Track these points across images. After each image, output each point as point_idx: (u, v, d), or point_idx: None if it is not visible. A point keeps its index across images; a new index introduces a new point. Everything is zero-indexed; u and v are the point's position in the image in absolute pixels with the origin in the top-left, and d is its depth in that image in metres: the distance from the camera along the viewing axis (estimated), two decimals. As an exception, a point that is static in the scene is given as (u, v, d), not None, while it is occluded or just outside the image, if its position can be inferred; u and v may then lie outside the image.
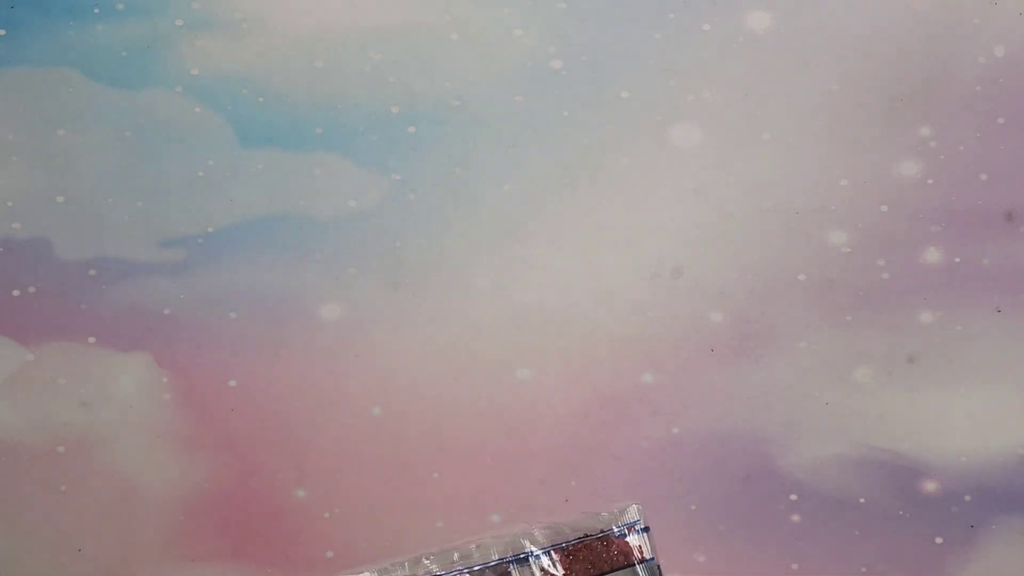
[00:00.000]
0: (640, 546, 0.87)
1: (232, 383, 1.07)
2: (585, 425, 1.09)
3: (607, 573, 0.86)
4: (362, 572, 0.76)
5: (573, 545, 0.85)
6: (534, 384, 1.08)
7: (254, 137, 1.09)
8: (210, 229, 1.10)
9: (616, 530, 0.85)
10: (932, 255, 1.08)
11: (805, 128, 1.08)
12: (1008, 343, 1.08)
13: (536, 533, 0.84)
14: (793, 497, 1.08)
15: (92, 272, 1.10)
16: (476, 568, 0.82)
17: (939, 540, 1.06)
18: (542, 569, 0.84)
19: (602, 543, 0.85)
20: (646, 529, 0.86)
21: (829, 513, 1.07)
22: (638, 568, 0.86)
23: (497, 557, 0.83)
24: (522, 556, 0.84)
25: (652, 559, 0.87)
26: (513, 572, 0.84)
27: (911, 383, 1.02)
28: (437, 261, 1.10)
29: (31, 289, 1.10)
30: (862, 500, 1.06)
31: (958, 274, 1.08)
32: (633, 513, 0.86)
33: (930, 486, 1.06)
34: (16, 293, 1.10)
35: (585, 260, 1.09)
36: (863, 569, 1.08)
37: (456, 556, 0.82)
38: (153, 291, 1.09)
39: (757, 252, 1.09)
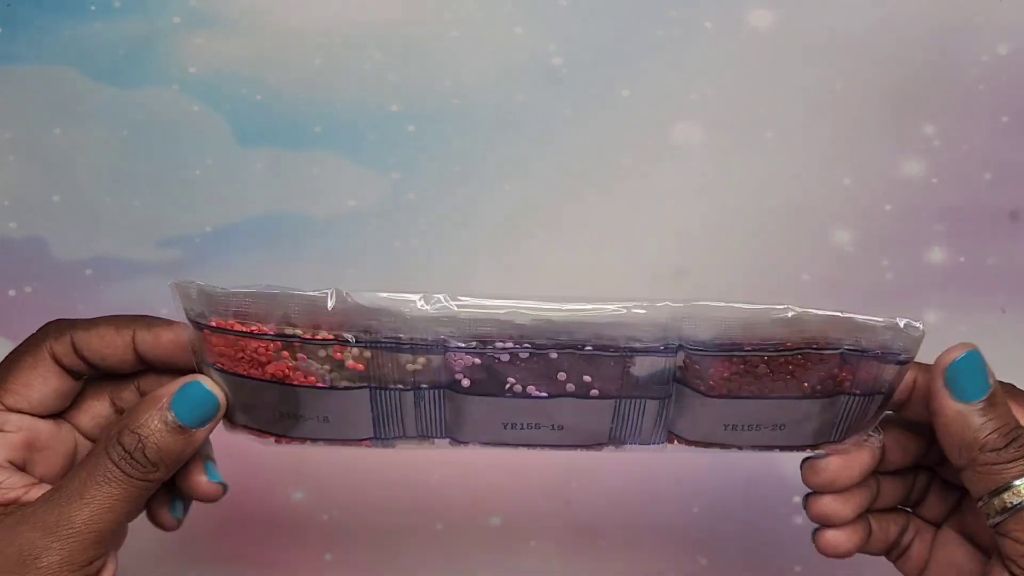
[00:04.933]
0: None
1: (230, 384, 1.06)
2: (586, 426, 1.08)
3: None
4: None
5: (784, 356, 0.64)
6: (535, 385, 1.07)
7: (252, 136, 1.08)
8: (208, 229, 1.09)
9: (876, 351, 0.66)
10: (936, 255, 1.08)
11: (808, 127, 1.07)
12: (1012, 343, 1.07)
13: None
14: (796, 499, 1.07)
15: (89, 272, 1.09)
16: (580, 347, 0.63)
17: (943, 542, 1.05)
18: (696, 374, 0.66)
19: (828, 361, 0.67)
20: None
21: (832, 515, 1.06)
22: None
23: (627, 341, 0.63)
24: (671, 346, 0.64)
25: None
26: (635, 363, 0.65)
27: (915, 383, 1.01)
28: (437, 261, 1.09)
29: (27, 289, 1.09)
30: (866, 502, 1.05)
31: (962, 274, 1.07)
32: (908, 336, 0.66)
33: (934, 488, 1.05)
34: (12, 293, 1.09)
35: (586, 260, 1.09)
36: (867, 572, 1.07)
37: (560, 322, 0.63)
38: (151, 291, 1.09)
39: (760, 251, 1.08)
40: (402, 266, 1.09)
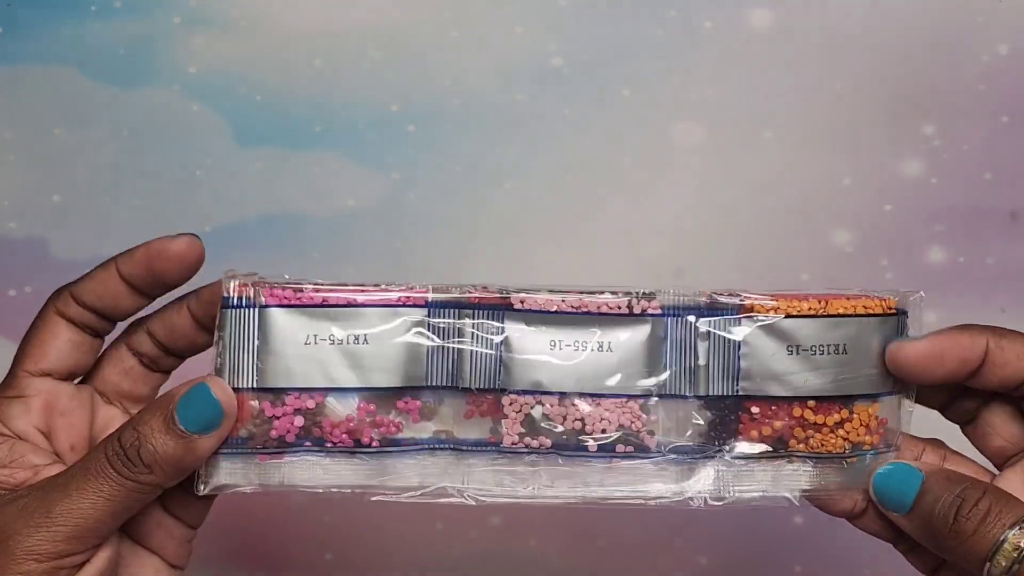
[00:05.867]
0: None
1: (230, 384, 1.06)
2: (586, 426, 1.08)
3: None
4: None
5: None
6: (535, 385, 1.07)
7: (252, 135, 1.08)
8: (208, 229, 1.09)
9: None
10: (936, 255, 1.08)
11: (808, 127, 1.07)
12: (1012, 344, 1.07)
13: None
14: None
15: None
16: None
17: (943, 542, 1.05)
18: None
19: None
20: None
21: (832, 515, 1.06)
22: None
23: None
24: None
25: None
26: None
27: (915, 383, 1.01)
28: (437, 261, 1.09)
29: (27, 289, 1.09)
30: (866, 502, 1.05)
31: (962, 274, 1.07)
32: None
33: (934, 488, 1.05)
34: (12, 293, 1.09)
35: (586, 260, 1.09)
36: (866, 572, 1.07)
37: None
38: (150, 291, 1.09)
39: (760, 252, 1.08)
40: (402, 266, 1.09)
